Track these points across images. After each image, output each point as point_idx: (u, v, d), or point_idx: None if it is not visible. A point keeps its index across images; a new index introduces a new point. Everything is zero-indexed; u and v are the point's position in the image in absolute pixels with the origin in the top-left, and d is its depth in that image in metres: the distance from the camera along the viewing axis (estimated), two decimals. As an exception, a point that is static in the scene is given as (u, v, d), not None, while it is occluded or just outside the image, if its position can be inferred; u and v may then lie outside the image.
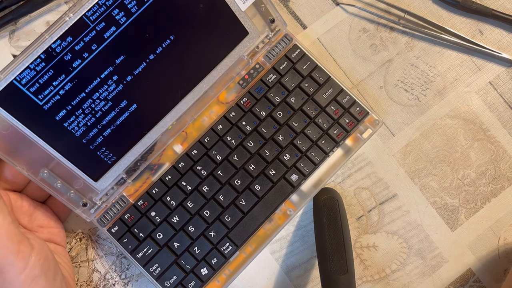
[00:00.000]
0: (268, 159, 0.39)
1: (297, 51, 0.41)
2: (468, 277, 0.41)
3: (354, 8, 0.44)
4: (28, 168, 0.35)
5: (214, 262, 0.38)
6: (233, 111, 0.40)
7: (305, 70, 0.40)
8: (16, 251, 0.30)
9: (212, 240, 0.39)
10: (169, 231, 0.39)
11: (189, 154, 0.39)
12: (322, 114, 0.40)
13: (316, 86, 0.40)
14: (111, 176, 0.38)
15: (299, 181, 0.39)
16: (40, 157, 0.35)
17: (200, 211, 0.39)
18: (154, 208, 0.39)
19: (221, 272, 0.39)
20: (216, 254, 0.38)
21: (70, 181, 0.37)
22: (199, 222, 0.39)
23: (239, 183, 0.39)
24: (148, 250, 0.38)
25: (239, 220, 0.39)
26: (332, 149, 0.40)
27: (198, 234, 0.39)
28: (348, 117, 0.40)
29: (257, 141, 0.40)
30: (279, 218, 0.39)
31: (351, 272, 0.36)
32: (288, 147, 0.40)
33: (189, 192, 0.39)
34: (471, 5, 0.42)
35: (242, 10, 0.38)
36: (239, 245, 0.39)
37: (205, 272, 0.38)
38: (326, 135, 0.40)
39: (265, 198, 0.39)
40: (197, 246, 0.38)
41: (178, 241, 0.38)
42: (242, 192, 0.39)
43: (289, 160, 0.39)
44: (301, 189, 0.40)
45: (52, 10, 0.44)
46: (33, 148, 0.35)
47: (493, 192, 0.41)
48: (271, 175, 0.39)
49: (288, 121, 0.40)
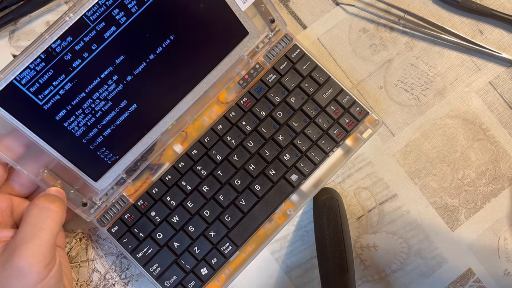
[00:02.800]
0: (268, 159, 0.39)
1: (297, 51, 0.41)
2: (468, 277, 0.41)
3: (354, 8, 0.44)
4: (28, 168, 0.35)
5: (214, 262, 0.38)
6: (233, 111, 0.40)
7: (305, 70, 0.40)
8: (47, 263, 0.31)
9: (212, 240, 0.39)
10: (169, 231, 0.38)
11: (189, 154, 0.39)
12: (322, 114, 0.40)
13: (316, 86, 0.40)
14: (111, 176, 0.38)
15: (299, 181, 0.39)
16: (40, 157, 0.35)
17: (200, 211, 0.39)
18: (154, 208, 0.39)
19: (221, 272, 0.39)
20: (216, 254, 0.38)
21: (70, 181, 0.37)
22: (199, 222, 0.39)
23: (239, 183, 0.39)
24: (148, 250, 0.38)
25: (239, 220, 0.39)
26: (332, 149, 0.40)
27: (198, 234, 0.39)
28: (348, 117, 0.40)
29: (257, 141, 0.40)
30: (279, 218, 0.39)
31: (351, 272, 0.36)
32: (288, 147, 0.40)
33: (189, 192, 0.39)
34: (471, 5, 0.42)
35: (242, 10, 0.38)
36: (239, 245, 0.39)
37: (205, 272, 0.38)
38: (326, 135, 0.40)
39: (265, 198, 0.39)
40: (197, 246, 0.38)
41: (178, 241, 0.38)
42: (242, 192, 0.39)
43: (289, 160, 0.39)
44: (301, 189, 0.40)
45: (52, 10, 0.44)
46: (33, 148, 0.35)
47: (493, 192, 0.41)
48: (271, 175, 0.39)
49: (288, 121, 0.40)
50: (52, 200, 0.32)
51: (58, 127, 0.35)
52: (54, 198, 0.33)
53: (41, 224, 0.31)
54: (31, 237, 0.30)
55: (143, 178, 0.40)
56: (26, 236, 0.30)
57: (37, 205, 0.32)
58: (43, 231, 0.31)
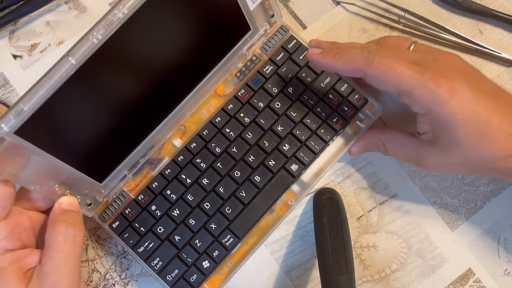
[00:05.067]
0: (268, 150, 0.39)
1: (293, 42, 0.40)
2: (468, 277, 0.41)
3: (355, 7, 0.44)
4: (40, 185, 0.34)
5: (216, 255, 0.38)
6: (231, 103, 0.40)
7: (302, 60, 0.40)
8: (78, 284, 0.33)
9: (213, 233, 0.38)
10: (170, 225, 0.38)
11: (188, 147, 0.39)
12: (321, 103, 0.40)
13: (313, 75, 0.40)
14: (116, 177, 0.38)
15: (299, 171, 0.39)
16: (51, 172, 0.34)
17: (201, 203, 0.39)
18: (155, 202, 0.39)
19: (223, 265, 0.39)
20: (218, 246, 0.38)
21: (78, 188, 0.36)
22: (199, 215, 0.38)
23: (238, 174, 0.39)
24: (149, 244, 0.38)
25: (240, 212, 0.38)
26: (332, 138, 0.39)
27: (199, 227, 0.38)
28: (347, 105, 0.40)
29: (256, 132, 0.39)
30: (280, 209, 0.39)
31: (351, 272, 0.36)
32: (287, 137, 0.39)
33: (189, 185, 0.39)
34: (471, 5, 0.42)
35: (251, 10, 0.37)
36: (240, 237, 0.38)
37: (207, 265, 0.38)
38: (325, 124, 0.39)
39: (266, 189, 0.39)
40: (198, 239, 0.38)
41: (179, 235, 0.38)
42: (242, 184, 0.39)
43: (288, 150, 0.39)
44: (302, 179, 0.39)
45: (52, 10, 0.44)
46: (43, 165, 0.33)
47: (493, 192, 0.41)
48: (270, 165, 0.39)
49: (286, 111, 0.40)
50: (73, 224, 0.33)
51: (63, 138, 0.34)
52: (74, 221, 0.34)
53: (68, 251, 0.32)
54: (62, 264, 0.32)
55: (143, 173, 0.40)
56: (57, 264, 0.32)
57: (60, 233, 0.33)
58: (70, 257, 0.32)
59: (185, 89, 0.38)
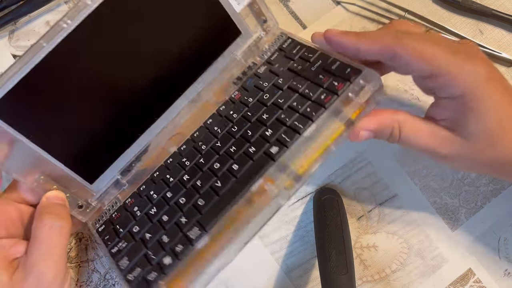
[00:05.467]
0: (250, 139, 0.36)
1: (288, 41, 0.40)
2: (468, 277, 0.41)
3: (355, 7, 0.44)
4: (24, 175, 0.35)
5: (179, 250, 0.33)
6: (224, 105, 0.39)
7: (295, 54, 0.39)
8: (63, 276, 0.34)
9: (182, 227, 0.35)
10: (145, 223, 0.36)
11: (178, 150, 0.39)
12: (309, 85, 0.36)
13: (305, 63, 0.37)
14: (106, 178, 0.38)
15: (280, 153, 0.34)
16: (36, 164, 0.35)
17: (177, 199, 0.36)
18: (138, 203, 0.38)
19: (190, 264, 0.33)
20: (183, 240, 0.34)
21: (66, 185, 0.37)
22: (175, 210, 0.36)
23: (217, 166, 0.36)
24: (122, 244, 0.36)
25: (213, 203, 0.35)
26: (319, 115, 0.34)
27: (171, 223, 0.36)
28: (338, 80, 0.34)
29: (242, 124, 0.38)
30: (257, 196, 0.33)
31: (351, 272, 0.36)
32: (272, 124, 0.36)
33: (172, 184, 0.38)
34: (471, 5, 0.42)
35: (237, 11, 0.37)
36: (206, 228, 0.33)
37: (169, 262, 0.34)
38: (311, 103, 0.35)
39: (242, 176, 0.35)
40: (167, 235, 0.35)
41: (151, 232, 0.36)
42: (220, 175, 0.36)
43: (271, 134, 0.35)
44: (285, 162, 0.34)
45: (52, 10, 0.44)
46: (28, 155, 0.35)
47: (493, 192, 0.41)
48: (251, 152, 0.35)
49: (274, 100, 0.37)
50: (60, 217, 0.34)
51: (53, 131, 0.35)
52: (60, 213, 0.34)
53: (54, 242, 0.33)
54: (48, 255, 0.32)
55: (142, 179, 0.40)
56: (43, 254, 0.32)
57: (46, 225, 0.33)
58: (56, 248, 0.33)
59: (173, 93, 0.39)
